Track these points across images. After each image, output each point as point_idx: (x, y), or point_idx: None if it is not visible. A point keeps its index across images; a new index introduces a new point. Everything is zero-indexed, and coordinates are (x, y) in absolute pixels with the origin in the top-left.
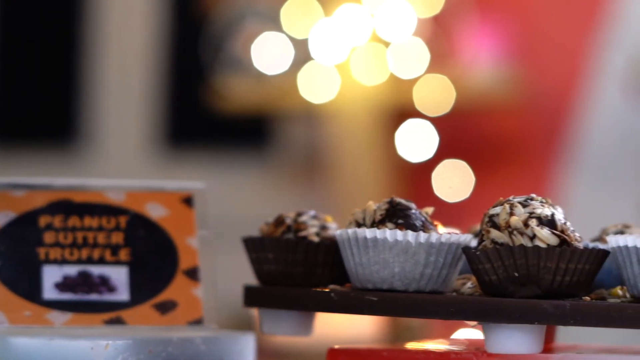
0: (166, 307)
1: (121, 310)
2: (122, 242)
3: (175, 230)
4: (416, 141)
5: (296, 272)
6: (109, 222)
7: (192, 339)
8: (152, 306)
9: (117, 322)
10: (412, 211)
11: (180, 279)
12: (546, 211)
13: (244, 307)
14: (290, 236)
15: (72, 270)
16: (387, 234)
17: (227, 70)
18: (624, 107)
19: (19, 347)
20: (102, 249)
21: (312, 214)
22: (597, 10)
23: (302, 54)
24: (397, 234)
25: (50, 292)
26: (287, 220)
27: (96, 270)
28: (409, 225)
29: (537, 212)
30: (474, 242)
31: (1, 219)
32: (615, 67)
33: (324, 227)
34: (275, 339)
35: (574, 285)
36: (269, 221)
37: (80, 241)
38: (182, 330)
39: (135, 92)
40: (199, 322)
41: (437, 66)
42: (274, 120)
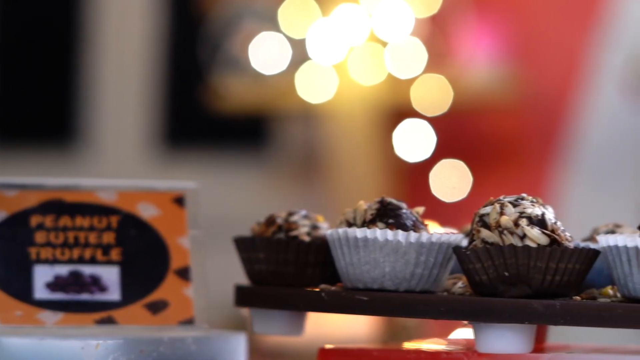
0: (157, 307)
1: (112, 310)
2: (113, 242)
3: (166, 230)
4: (414, 141)
5: (287, 272)
6: (100, 222)
7: (183, 338)
8: (143, 306)
9: (108, 321)
10: (403, 211)
11: (171, 278)
12: (536, 211)
13: (235, 307)
14: (281, 236)
15: (64, 270)
16: (377, 233)
17: (225, 70)
18: (622, 107)
19: (10, 347)
20: (93, 249)
21: (304, 213)
22: (594, 10)
23: (300, 54)
24: (388, 234)
25: (41, 291)
26: (278, 220)
27: (87, 270)
28: (399, 224)
29: (527, 211)
30: (465, 241)
31: None
32: (612, 67)
33: (315, 227)
34: (266, 338)
35: (564, 284)
36: (260, 221)
37: (71, 241)
38: (173, 330)
39: (133, 91)
40: (190, 321)
41: (434, 66)
42: (271, 120)
